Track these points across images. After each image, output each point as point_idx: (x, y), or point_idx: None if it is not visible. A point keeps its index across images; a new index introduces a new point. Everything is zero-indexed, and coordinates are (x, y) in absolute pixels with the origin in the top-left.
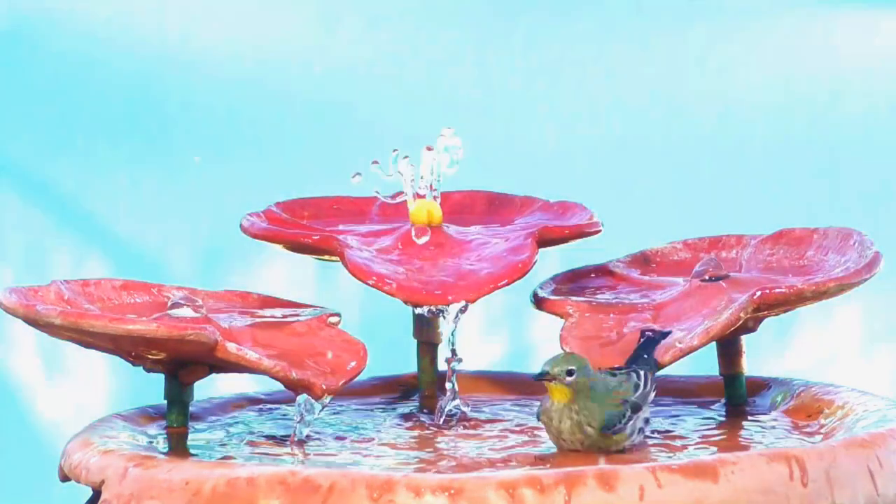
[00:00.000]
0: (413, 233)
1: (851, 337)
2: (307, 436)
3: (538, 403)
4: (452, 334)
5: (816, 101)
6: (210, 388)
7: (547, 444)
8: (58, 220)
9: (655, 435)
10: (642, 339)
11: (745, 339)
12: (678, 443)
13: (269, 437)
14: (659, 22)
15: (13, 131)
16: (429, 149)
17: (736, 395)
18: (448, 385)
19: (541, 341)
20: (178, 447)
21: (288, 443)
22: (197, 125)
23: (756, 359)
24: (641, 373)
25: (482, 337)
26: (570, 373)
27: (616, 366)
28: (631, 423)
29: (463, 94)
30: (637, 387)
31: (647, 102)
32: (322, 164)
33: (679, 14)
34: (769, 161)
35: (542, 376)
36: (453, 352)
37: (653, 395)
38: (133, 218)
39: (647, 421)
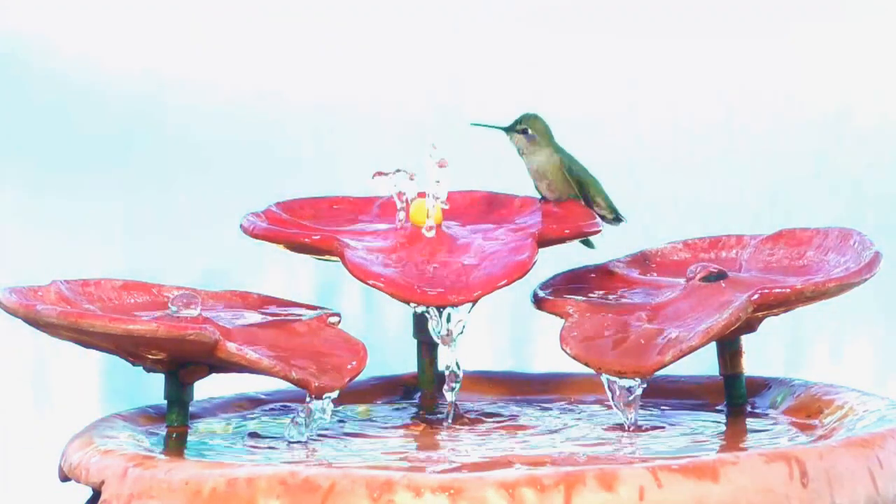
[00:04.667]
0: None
1: (854, 338)
2: (308, 436)
3: (538, 403)
4: (450, 333)
5: (820, 105)
6: (210, 388)
7: (548, 443)
8: (53, 231)
9: (656, 435)
10: None
11: (745, 340)
12: (678, 443)
13: (270, 437)
14: (663, 26)
15: (8, 152)
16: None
17: (736, 395)
18: (447, 389)
19: (541, 341)
20: (178, 447)
21: (289, 442)
22: (193, 138)
23: (758, 359)
24: None
25: (482, 337)
26: None
27: None
28: None
29: (463, 94)
30: None
31: (648, 104)
32: (321, 172)
33: (685, 19)
34: (770, 161)
35: None
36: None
37: None
38: (131, 228)
39: None
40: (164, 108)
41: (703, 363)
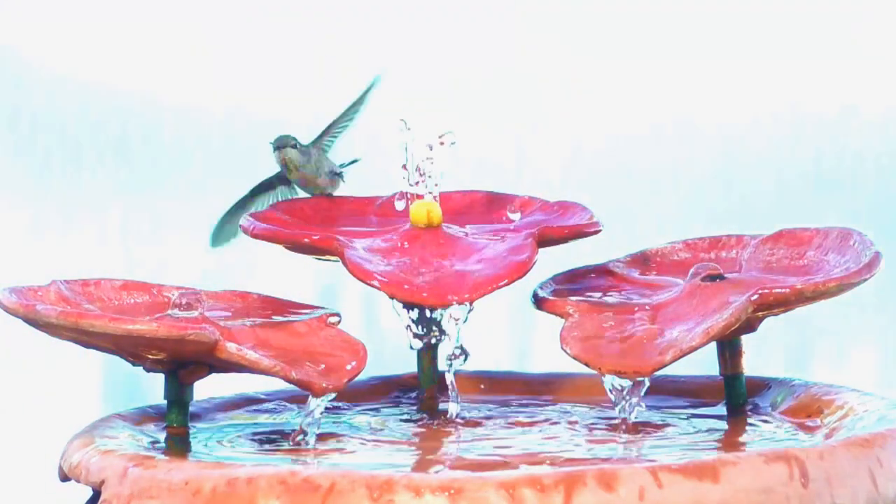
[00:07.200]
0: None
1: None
2: (307, 436)
3: (538, 403)
4: (447, 333)
5: (820, 103)
6: (210, 388)
7: (548, 443)
8: (52, 231)
9: (656, 435)
10: None
11: (746, 340)
12: (678, 443)
13: (270, 437)
14: (663, 29)
15: (4, 156)
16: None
17: (736, 395)
18: (449, 384)
19: (541, 341)
20: (178, 447)
21: (289, 442)
22: (194, 137)
23: (758, 359)
24: None
25: (482, 337)
26: None
27: None
28: None
29: (463, 94)
30: None
31: (648, 104)
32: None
33: (685, 23)
34: (770, 161)
35: None
36: (460, 348)
37: None
38: (130, 229)
39: None
40: (161, 107)
41: (703, 363)
